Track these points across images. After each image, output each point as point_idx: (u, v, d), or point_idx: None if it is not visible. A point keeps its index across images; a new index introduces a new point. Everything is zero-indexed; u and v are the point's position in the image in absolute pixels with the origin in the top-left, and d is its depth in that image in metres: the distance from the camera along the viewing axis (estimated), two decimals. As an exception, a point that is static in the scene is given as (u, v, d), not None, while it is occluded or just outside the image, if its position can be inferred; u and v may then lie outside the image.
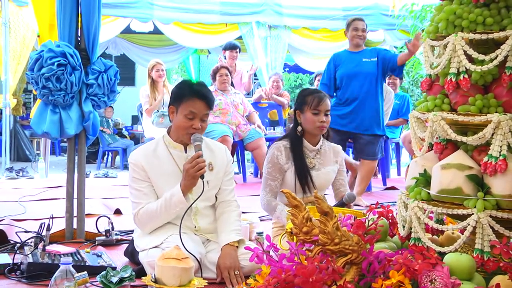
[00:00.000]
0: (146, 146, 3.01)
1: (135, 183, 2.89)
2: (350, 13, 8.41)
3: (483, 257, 2.23)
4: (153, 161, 2.89)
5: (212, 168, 2.96)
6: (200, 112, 2.83)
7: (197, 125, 2.83)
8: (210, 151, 2.99)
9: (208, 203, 2.98)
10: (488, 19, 2.38)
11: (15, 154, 9.89)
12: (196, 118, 2.83)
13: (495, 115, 2.27)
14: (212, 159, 2.98)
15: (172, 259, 2.37)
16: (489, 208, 2.25)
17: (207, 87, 2.96)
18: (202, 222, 2.95)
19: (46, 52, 3.35)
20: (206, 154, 2.89)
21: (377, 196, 5.67)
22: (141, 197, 2.87)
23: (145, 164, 2.87)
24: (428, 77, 2.61)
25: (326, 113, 3.32)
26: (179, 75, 14.01)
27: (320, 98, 3.31)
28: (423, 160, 2.55)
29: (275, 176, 3.33)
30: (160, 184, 2.88)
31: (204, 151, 2.85)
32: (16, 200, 5.08)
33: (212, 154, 2.99)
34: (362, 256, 2.10)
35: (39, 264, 2.75)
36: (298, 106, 3.37)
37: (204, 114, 2.85)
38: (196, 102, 2.83)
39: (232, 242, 2.84)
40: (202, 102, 2.84)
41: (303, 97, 3.36)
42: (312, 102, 3.30)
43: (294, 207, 2.16)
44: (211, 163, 2.96)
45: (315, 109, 3.29)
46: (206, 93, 2.88)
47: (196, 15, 8.07)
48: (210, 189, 2.94)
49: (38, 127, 3.48)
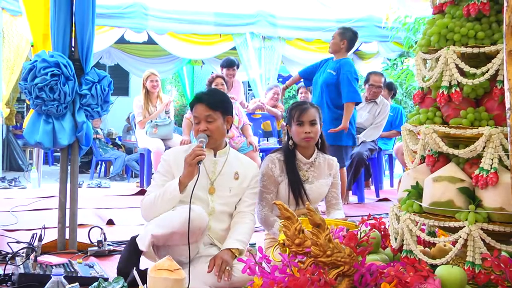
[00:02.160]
0: (181, 147, 3.19)
1: (157, 176, 3.03)
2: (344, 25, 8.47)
3: (474, 270, 2.24)
4: (180, 160, 2.95)
5: (237, 177, 3.06)
6: (201, 115, 2.96)
7: (203, 127, 2.96)
8: (239, 161, 3.12)
9: (226, 208, 3.03)
10: (479, 33, 2.41)
11: (7, 164, 9.85)
12: (200, 121, 2.97)
13: (487, 128, 2.28)
14: (240, 169, 3.09)
15: (164, 270, 2.36)
16: (480, 220, 2.26)
17: (214, 90, 3.13)
18: (215, 224, 2.99)
19: (40, 62, 3.35)
20: (234, 163, 3.08)
21: (370, 208, 5.68)
22: (154, 187, 2.97)
23: (173, 160, 2.99)
24: (421, 90, 2.63)
25: (312, 123, 3.32)
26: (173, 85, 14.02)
27: (302, 109, 3.33)
28: (415, 173, 2.56)
29: (270, 189, 3.34)
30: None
31: (232, 161, 3.07)
32: (8, 210, 5.05)
33: (240, 165, 3.11)
34: (354, 268, 2.11)
35: (30, 275, 2.73)
36: (287, 121, 3.43)
37: (206, 116, 2.96)
38: (197, 107, 3.00)
39: (234, 249, 2.87)
40: (201, 104, 2.98)
41: (289, 111, 3.42)
42: (295, 114, 3.34)
43: (286, 219, 2.17)
44: (237, 172, 3.07)
45: (298, 120, 3.32)
46: (205, 95, 3.04)
47: (190, 26, 8.09)
48: (231, 196, 3.04)
49: (31, 137, 3.47)
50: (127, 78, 13.77)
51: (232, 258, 2.84)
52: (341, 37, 5.51)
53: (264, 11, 8.28)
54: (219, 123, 2.99)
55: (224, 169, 3.04)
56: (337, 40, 5.50)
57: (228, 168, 3.05)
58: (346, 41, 5.49)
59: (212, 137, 2.97)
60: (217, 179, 3.03)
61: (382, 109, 6.36)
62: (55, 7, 3.43)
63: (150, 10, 7.77)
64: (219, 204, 2.99)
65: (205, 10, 8.10)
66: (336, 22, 8.51)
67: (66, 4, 3.45)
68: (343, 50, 5.51)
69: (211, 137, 2.96)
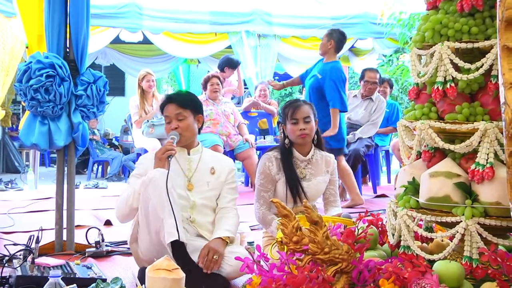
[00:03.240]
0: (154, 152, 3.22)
1: (132, 179, 3.05)
2: (339, 22, 8.47)
3: (471, 264, 2.25)
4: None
5: (214, 172, 3.13)
6: (172, 113, 3.05)
7: (174, 125, 3.04)
8: (213, 157, 3.21)
9: (207, 202, 3.09)
10: (473, 28, 2.41)
11: (4, 166, 9.84)
12: (171, 120, 3.05)
13: (482, 123, 2.29)
14: (215, 164, 3.15)
15: (163, 270, 2.36)
16: (477, 215, 2.26)
17: (183, 91, 3.22)
18: (198, 216, 3.05)
19: (35, 64, 3.34)
20: (208, 159, 3.16)
21: (368, 204, 5.69)
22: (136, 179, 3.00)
23: (150, 165, 3.00)
24: (416, 86, 2.63)
25: (306, 120, 3.32)
26: (169, 85, 13.99)
27: (295, 107, 3.34)
28: (411, 168, 2.57)
29: (267, 187, 3.35)
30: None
31: (206, 157, 3.16)
32: (4, 212, 5.04)
33: (215, 160, 3.19)
34: (352, 265, 2.11)
35: (28, 277, 2.73)
36: (282, 120, 3.43)
37: (176, 114, 3.05)
38: (168, 107, 3.09)
39: (224, 237, 2.93)
40: (171, 104, 3.07)
41: (283, 110, 3.43)
42: (289, 113, 3.35)
43: (284, 216, 2.17)
44: (213, 167, 3.13)
45: (292, 118, 3.32)
46: (174, 95, 3.17)
47: (185, 25, 8.07)
48: (210, 190, 3.10)
49: (27, 138, 3.47)
50: (123, 78, 13.75)
51: (222, 245, 2.90)
52: (328, 38, 5.55)
53: (259, 9, 8.27)
54: (189, 121, 3.07)
55: (200, 165, 3.12)
56: (324, 41, 5.56)
57: (203, 164, 3.13)
58: (334, 41, 5.51)
59: (183, 135, 3.05)
60: (193, 176, 3.10)
61: (378, 106, 6.37)
62: (49, 8, 3.43)
63: (145, 9, 7.75)
64: (199, 198, 3.06)
65: (200, 9, 8.09)
66: (331, 19, 8.51)
67: (60, 5, 3.45)
68: (331, 51, 5.54)
69: (182, 135, 3.05)
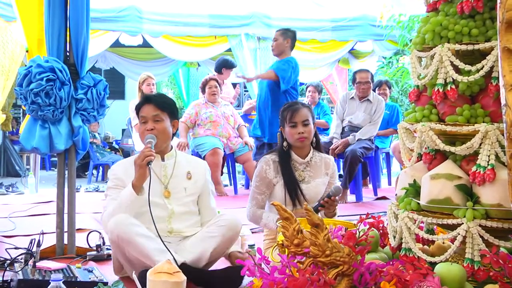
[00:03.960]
0: (128, 159, 3.20)
1: (109, 191, 3.04)
2: (339, 24, 8.47)
3: (473, 267, 2.24)
4: (131, 171, 2.95)
5: (190, 177, 3.11)
6: (149, 114, 3.00)
7: (150, 126, 2.99)
8: (187, 162, 3.18)
9: (185, 208, 3.07)
10: (473, 30, 2.41)
11: (4, 170, 9.83)
12: (148, 121, 3.00)
13: (483, 125, 2.29)
14: (190, 169, 3.13)
15: (164, 273, 2.36)
16: (478, 217, 2.26)
17: (162, 94, 3.21)
18: (178, 225, 3.04)
19: (35, 68, 3.34)
20: (183, 164, 3.12)
21: (368, 206, 5.69)
22: (109, 202, 2.99)
23: (123, 174, 3.01)
24: (416, 88, 2.63)
25: (305, 123, 3.33)
26: (169, 88, 14.00)
27: (294, 110, 3.34)
28: (412, 171, 2.57)
29: (262, 190, 3.36)
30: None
31: (181, 162, 3.12)
32: (5, 216, 5.04)
33: (189, 164, 3.16)
34: (353, 268, 2.11)
35: (29, 281, 2.73)
36: (281, 123, 3.43)
37: (153, 115, 3.00)
38: (145, 107, 3.03)
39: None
40: (149, 105, 3.02)
41: (281, 113, 3.43)
42: (287, 116, 3.35)
43: (285, 219, 2.17)
44: (189, 171, 3.12)
45: (291, 122, 3.33)
46: (153, 96, 3.14)
47: (185, 28, 8.07)
48: (187, 195, 3.08)
49: (28, 142, 3.46)
50: (123, 81, 13.75)
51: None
52: (284, 36, 5.67)
53: (259, 12, 8.27)
54: (166, 124, 3.03)
55: (175, 171, 3.09)
56: (280, 41, 5.67)
57: (178, 170, 3.10)
58: (290, 39, 5.64)
59: (158, 137, 2.98)
60: (170, 182, 3.06)
61: (378, 106, 6.35)
62: (49, 12, 3.43)
63: (145, 13, 7.76)
64: (177, 205, 3.04)
65: (200, 12, 8.09)
66: (330, 22, 8.51)
67: (60, 9, 3.44)
68: (287, 49, 5.66)
69: (158, 137, 2.98)
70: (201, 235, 3.00)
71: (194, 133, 6.81)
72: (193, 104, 7.04)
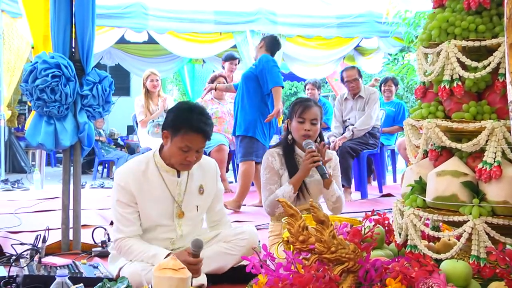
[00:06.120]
0: (135, 165, 2.84)
1: (120, 207, 2.78)
2: (344, 21, 8.45)
3: (479, 264, 2.23)
4: (143, 185, 2.78)
5: (202, 192, 2.92)
6: (197, 146, 2.72)
7: (192, 158, 2.73)
8: (200, 169, 2.91)
9: (193, 229, 2.94)
10: (480, 27, 2.40)
11: (10, 166, 9.86)
12: (191, 151, 2.72)
13: (489, 122, 2.28)
14: (203, 181, 2.93)
15: (169, 269, 2.36)
16: (484, 214, 2.25)
17: (206, 116, 2.76)
18: (180, 244, 2.91)
19: (40, 64, 3.35)
20: (196, 175, 2.89)
21: (374, 203, 5.68)
22: (125, 223, 2.77)
23: (134, 188, 2.76)
24: (422, 85, 2.62)
25: (313, 122, 3.32)
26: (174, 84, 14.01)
27: (305, 106, 3.33)
28: (418, 167, 2.56)
29: (274, 180, 3.35)
30: (148, 209, 2.80)
31: (196, 172, 2.88)
32: (11, 212, 5.05)
33: (201, 173, 2.93)
34: (358, 264, 2.10)
35: (35, 276, 2.73)
36: (289, 115, 3.42)
37: (200, 147, 2.74)
38: (194, 137, 2.70)
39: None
40: (199, 136, 2.71)
41: (292, 106, 3.41)
42: (298, 111, 3.33)
43: (290, 216, 2.16)
44: (201, 185, 2.92)
45: (300, 117, 3.32)
46: (204, 126, 2.71)
47: (190, 25, 8.08)
48: (199, 214, 2.94)
49: (33, 138, 3.47)
50: (128, 78, 13.79)
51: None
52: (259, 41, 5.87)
53: (264, 8, 8.27)
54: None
55: (189, 186, 2.87)
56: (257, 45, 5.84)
57: (192, 184, 2.88)
58: (264, 42, 5.70)
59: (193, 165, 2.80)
60: (184, 200, 2.86)
61: (370, 98, 6.26)
62: (55, 8, 3.43)
63: (150, 9, 7.77)
64: (187, 226, 2.88)
65: (205, 8, 8.10)
66: (336, 19, 8.50)
67: (66, 5, 3.45)
68: (262, 50, 5.66)
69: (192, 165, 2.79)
70: (219, 250, 2.88)
71: (199, 129, 6.80)
72: (199, 100, 7.05)
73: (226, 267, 2.89)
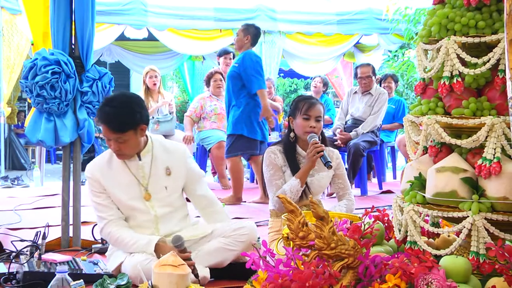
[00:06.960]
0: (100, 157, 3.02)
1: (94, 196, 2.95)
2: (344, 18, 8.45)
3: (478, 260, 2.24)
4: (108, 172, 2.92)
5: (169, 172, 2.97)
6: (107, 136, 2.83)
7: (114, 147, 2.83)
8: (165, 151, 3.00)
9: (168, 209, 2.97)
10: (480, 23, 2.39)
11: (10, 163, 9.86)
12: (109, 141, 2.84)
13: (489, 118, 2.28)
14: (169, 162, 2.98)
15: (169, 265, 2.36)
16: (484, 210, 2.25)
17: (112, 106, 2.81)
18: (165, 228, 2.94)
19: (40, 60, 3.35)
20: (161, 157, 2.96)
21: (373, 200, 5.68)
22: (102, 210, 2.94)
23: (100, 176, 2.92)
24: (422, 81, 2.62)
25: (318, 119, 3.33)
26: (174, 81, 14.00)
27: (311, 104, 3.33)
28: (418, 164, 2.56)
29: (279, 175, 3.35)
30: (117, 195, 2.92)
31: (159, 156, 2.96)
32: (11, 209, 5.06)
33: (167, 155, 2.99)
34: (358, 260, 2.10)
35: (35, 273, 2.74)
36: (291, 112, 3.41)
37: (111, 137, 2.81)
38: (103, 128, 2.82)
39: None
40: (104, 126, 2.80)
41: (296, 103, 3.40)
42: (303, 107, 3.33)
43: (290, 212, 2.16)
44: (167, 167, 2.97)
45: (305, 114, 3.32)
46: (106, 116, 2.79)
47: (190, 22, 8.08)
48: (169, 195, 2.97)
49: (33, 135, 3.47)
50: (128, 75, 13.76)
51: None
52: (244, 33, 5.68)
53: (264, 5, 8.27)
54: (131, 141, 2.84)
55: (153, 169, 2.94)
56: (241, 36, 5.68)
57: (157, 166, 2.95)
58: (250, 36, 5.63)
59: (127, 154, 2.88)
60: (149, 183, 2.93)
61: (379, 98, 6.30)
62: (54, 5, 3.43)
63: (150, 6, 7.76)
64: (160, 207, 2.93)
65: (205, 5, 8.10)
66: (336, 15, 8.50)
67: (66, 2, 3.45)
68: (247, 45, 5.64)
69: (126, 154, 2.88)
70: (219, 246, 2.90)
71: (199, 127, 6.82)
72: (198, 98, 7.05)
73: (225, 262, 2.91)
